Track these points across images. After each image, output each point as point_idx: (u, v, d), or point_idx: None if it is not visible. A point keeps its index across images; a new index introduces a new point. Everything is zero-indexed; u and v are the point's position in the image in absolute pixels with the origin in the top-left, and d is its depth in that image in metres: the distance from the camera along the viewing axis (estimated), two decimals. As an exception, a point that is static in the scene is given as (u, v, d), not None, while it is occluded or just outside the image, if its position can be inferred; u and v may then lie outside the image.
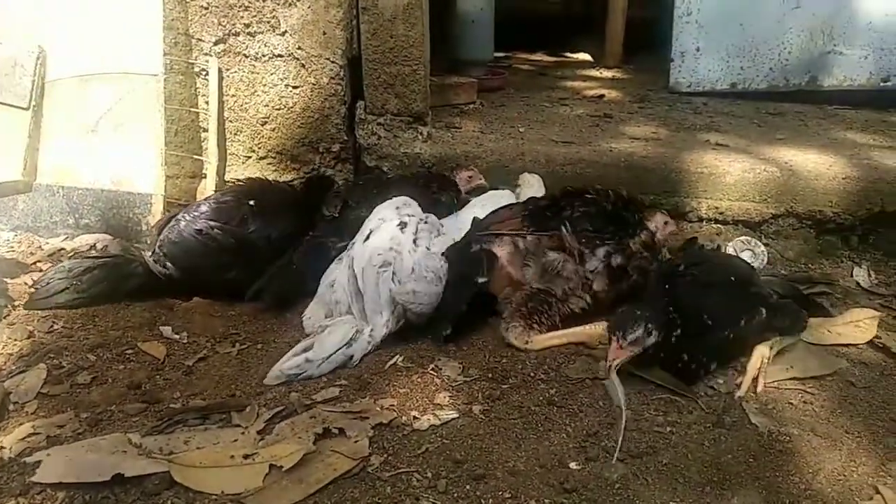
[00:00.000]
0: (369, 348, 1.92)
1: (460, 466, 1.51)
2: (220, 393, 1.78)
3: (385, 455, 1.54)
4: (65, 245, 2.57)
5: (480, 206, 2.36)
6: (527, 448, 1.58)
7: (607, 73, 4.85)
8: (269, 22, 2.64)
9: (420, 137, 2.79)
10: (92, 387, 1.78)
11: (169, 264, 2.18)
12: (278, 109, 2.75)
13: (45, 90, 2.58)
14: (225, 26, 2.65)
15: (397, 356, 1.92)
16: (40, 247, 2.56)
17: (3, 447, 1.54)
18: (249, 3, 2.62)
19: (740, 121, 3.41)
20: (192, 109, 2.73)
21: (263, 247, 2.27)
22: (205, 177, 2.79)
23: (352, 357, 1.88)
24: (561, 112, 3.54)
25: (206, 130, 2.76)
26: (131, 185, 2.59)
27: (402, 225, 2.11)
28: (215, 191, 2.75)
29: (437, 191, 2.48)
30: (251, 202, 2.33)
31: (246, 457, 1.50)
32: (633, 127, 3.22)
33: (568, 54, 5.75)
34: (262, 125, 2.77)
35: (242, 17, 2.64)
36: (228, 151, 2.82)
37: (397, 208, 2.17)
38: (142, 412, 1.69)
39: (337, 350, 1.84)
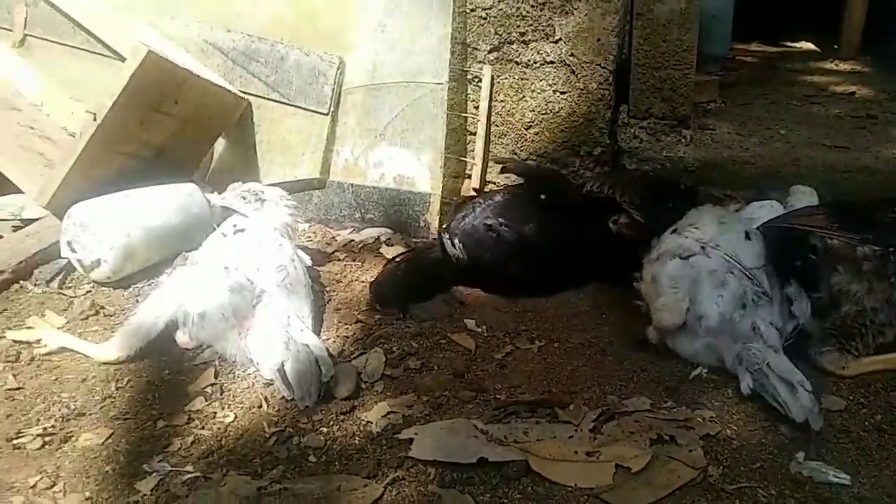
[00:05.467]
0: None
1: (802, 487, 1.54)
2: (535, 388, 1.92)
3: (721, 467, 1.60)
4: (353, 237, 2.85)
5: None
6: (867, 475, 1.57)
7: (844, 66, 4.51)
8: (544, 30, 2.75)
9: (683, 141, 2.79)
10: (423, 372, 1.99)
11: (462, 252, 2.36)
12: (544, 114, 2.86)
13: (341, 97, 2.86)
14: (501, 35, 2.80)
15: (701, 367, 1.96)
16: (334, 238, 2.86)
17: (370, 422, 1.78)
18: (527, 12, 2.74)
19: None
20: (461, 114, 2.92)
21: (547, 244, 2.37)
22: (469, 177, 2.98)
23: None
24: (815, 111, 3.37)
25: (472, 134, 2.94)
26: (411, 185, 2.82)
27: None
28: (477, 191, 2.94)
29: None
30: (542, 196, 2.46)
31: (589, 454, 1.63)
32: (907, 130, 3.01)
33: (788, 44, 5.42)
34: (527, 129, 2.90)
35: (518, 25, 2.77)
36: (491, 153, 2.98)
37: None
38: (473, 399, 1.87)
39: None
